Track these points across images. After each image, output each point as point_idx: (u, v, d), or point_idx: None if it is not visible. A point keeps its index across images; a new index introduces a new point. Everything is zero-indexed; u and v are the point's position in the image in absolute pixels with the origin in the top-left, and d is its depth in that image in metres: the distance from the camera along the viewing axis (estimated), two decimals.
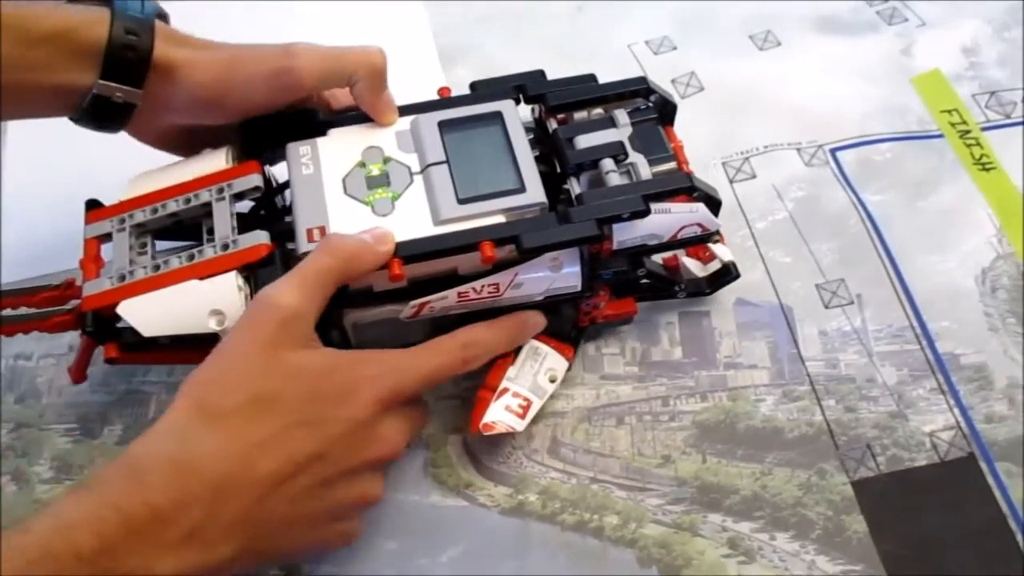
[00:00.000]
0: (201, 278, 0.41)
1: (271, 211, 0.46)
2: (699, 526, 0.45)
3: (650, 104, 0.48)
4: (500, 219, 0.42)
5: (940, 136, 0.59)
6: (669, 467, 0.47)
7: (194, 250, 0.42)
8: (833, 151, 0.58)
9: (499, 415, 0.45)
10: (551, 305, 0.46)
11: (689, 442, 0.47)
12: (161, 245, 0.45)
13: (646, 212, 0.42)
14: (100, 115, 0.43)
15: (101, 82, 0.42)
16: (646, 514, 0.45)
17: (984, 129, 0.59)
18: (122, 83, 0.42)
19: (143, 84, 0.42)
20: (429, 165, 0.44)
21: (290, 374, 0.37)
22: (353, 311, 0.43)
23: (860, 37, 0.64)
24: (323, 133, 0.46)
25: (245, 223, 0.44)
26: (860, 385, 0.49)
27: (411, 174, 0.44)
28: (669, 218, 0.44)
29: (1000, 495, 0.45)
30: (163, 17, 0.46)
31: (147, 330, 0.41)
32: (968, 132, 0.59)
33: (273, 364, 0.37)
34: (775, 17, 0.66)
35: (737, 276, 0.50)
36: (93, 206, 0.45)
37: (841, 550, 0.44)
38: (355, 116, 0.46)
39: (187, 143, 0.47)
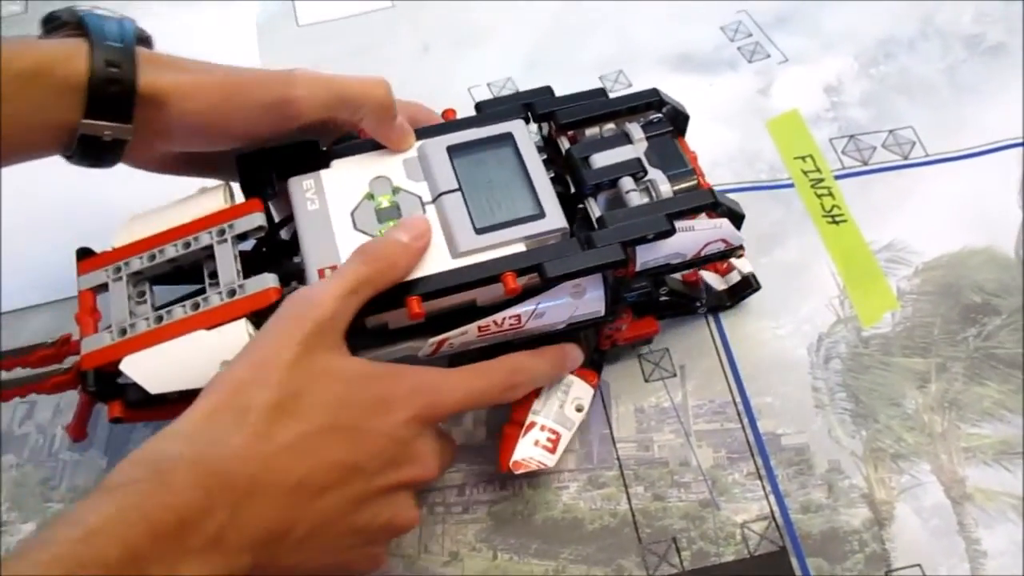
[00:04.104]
0: (208, 328, 0.38)
1: (274, 248, 0.43)
2: None
3: (662, 116, 0.46)
4: (520, 247, 0.39)
5: (790, 185, 0.55)
6: (456, 566, 0.43)
7: (199, 298, 0.39)
8: None
9: (529, 451, 0.42)
10: (572, 331, 0.43)
11: (481, 536, 0.44)
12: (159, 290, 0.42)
13: (671, 232, 0.40)
14: (91, 153, 0.40)
15: (86, 121, 0.38)
16: None
17: (839, 177, 0.55)
18: (109, 119, 0.38)
19: (131, 118, 0.39)
20: (442, 194, 0.41)
21: (322, 375, 0.35)
22: (369, 351, 0.40)
23: (717, 76, 0.61)
24: (326, 165, 0.42)
25: (248, 263, 0.40)
26: (673, 469, 0.45)
27: (423, 204, 0.41)
28: (694, 235, 0.42)
29: None
30: (145, 40, 0.42)
31: (154, 387, 0.37)
32: (821, 181, 0.55)
33: (305, 363, 0.34)
34: (630, 56, 0.62)
35: (758, 288, 0.49)
36: (85, 255, 0.42)
37: None
38: (357, 144, 0.43)
39: (189, 166, 0.44)
